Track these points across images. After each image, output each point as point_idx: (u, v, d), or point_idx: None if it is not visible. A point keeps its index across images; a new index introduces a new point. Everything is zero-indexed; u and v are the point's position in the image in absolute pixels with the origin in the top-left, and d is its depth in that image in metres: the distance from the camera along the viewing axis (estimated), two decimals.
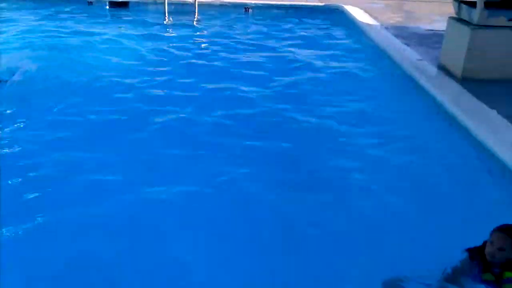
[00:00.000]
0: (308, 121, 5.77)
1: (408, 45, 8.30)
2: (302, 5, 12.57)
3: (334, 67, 7.87)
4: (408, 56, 7.61)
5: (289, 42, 9.49)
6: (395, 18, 10.96)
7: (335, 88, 6.94)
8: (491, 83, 6.23)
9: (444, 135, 5.35)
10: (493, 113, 5.27)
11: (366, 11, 11.34)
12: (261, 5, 12.35)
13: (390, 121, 5.78)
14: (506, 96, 5.90)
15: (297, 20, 11.49)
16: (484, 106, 5.47)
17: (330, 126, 5.62)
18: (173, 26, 10.80)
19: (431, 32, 9.48)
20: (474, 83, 6.19)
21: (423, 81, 6.45)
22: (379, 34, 9.22)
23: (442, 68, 6.93)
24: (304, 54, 8.65)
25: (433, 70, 6.94)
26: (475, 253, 3.03)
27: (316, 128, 5.61)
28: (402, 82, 6.96)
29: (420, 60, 7.31)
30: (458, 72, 6.50)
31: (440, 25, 9.25)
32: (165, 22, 11.05)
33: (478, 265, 2.99)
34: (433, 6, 12.83)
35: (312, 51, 8.85)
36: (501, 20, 6.28)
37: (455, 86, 6.22)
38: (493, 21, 6.28)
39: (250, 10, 12.20)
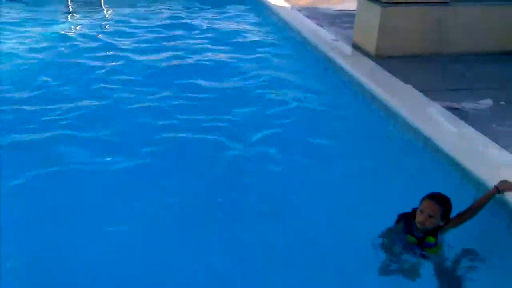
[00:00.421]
0: (227, 104, 5.72)
1: (321, 26, 8.43)
2: None
3: (251, 51, 7.80)
4: (322, 36, 7.73)
5: (201, 27, 9.28)
6: (305, 0, 11.09)
7: (253, 71, 6.89)
8: (404, 59, 6.49)
9: (365, 110, 5.48)
10: (409, 87, 5.49)
11: None
12: None
13: (311, 100, 5.86)
14: (418, 70, 6.16)
15: (208, 5, 11.28)
16: (400, 81, 5.69)
17: (251, 106, 5.65)
18: (79, 14, 10.19)
19: (341, 12, 9.70)
20: (388, 60, 6.42)
21: (340, 61, 6.56)
22: (292, 16, 9.28)
23: (356, 47, 7.11)
24: (218, 39, 8.50)
25: (348, 49, 7.11)
26: (402, 218, 3.15)
27: (236, 110, 5.58)
28: (319, 62, 7.05)
29: (335, 40, 7.45)
30: (372, 50, 6.70)
31: (349, 5, 9.53)
32: (70, 10, 10.39)
33: (404, 229, 3.12)
34: None
35: (226, 36, 8.71)
36: None
37: (370, 64, 6.40)
38: None
39: None
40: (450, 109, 4.88)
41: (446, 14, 6.56)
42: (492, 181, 3.36)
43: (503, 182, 3.32)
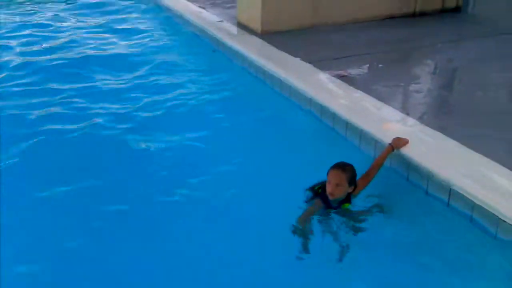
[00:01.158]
0: (116, 91, 5.62)
1: (203, 8, 8.35)
2: None
3: (135, 39, 7.53)
4: (207, 19, 7.66)
5: (77, 20, 8.77)
6: None
7: (140, 57, 6.69)
8: (290, 33, 6.67)
9: (259, 87, 5.54)
10: (297, 60, 5.67)
11: None
12: None
13: (203, 84, 5.81)
14: (304, 43, 6.37)
15: None
16: (288, 55, 5.84)
17: (143, 92, 5.57)
18: None
19: None
20: (274, 35, 6.54)
21: (227, 41, 6.55)
22: (173, 1, 9.07)
23: (242, 26, 7.14)
24: (100, 27, 8.13)
25: (234, 29, 7.12)
26: (319, 197, 3.24)
27: (126, 95, 5.50)
28: (207, 45, 7.00)
29: (220, 21, 7.43)
30: (257, 27, 6.77)
31: None
32: None
33: (324, 206, 3.21)
34: None
35: (107, 24, 8.33)
36: None
37: (257, 41, 6.49)
38: None
39: None
40: (339, 76, 5.12)
41: None
42: (387, 138, 3.60)
43: (396, 139, 3.58)
